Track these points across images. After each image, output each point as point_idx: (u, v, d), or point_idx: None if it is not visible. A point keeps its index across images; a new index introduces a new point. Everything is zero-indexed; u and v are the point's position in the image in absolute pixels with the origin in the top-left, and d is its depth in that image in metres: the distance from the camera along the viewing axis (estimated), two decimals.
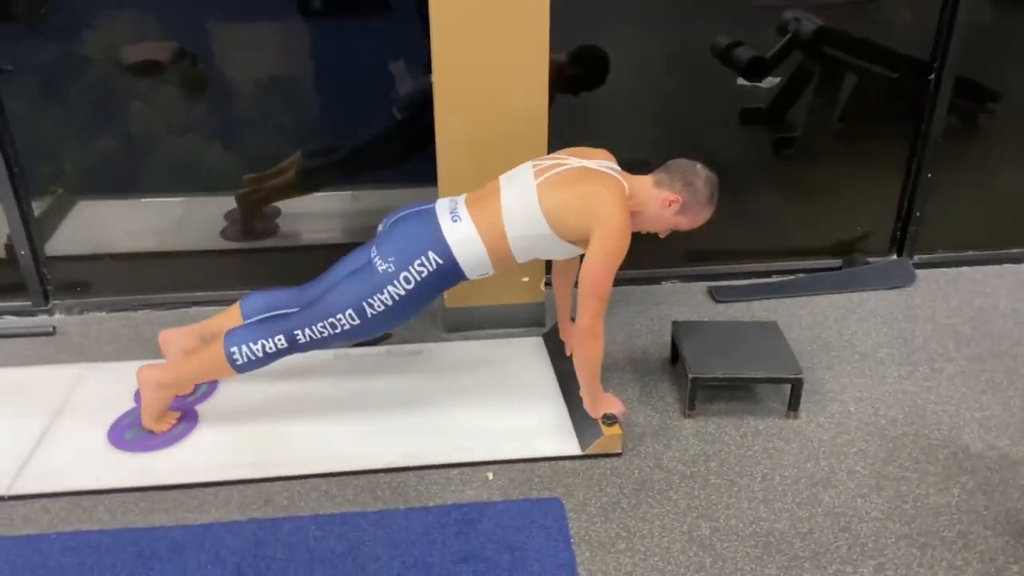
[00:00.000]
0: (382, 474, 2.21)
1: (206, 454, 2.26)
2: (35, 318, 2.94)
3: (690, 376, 2.36)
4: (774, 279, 3.16)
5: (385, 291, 2.13)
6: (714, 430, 2.36)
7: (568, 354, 2.55)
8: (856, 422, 2.39)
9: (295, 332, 2.17)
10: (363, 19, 2.89)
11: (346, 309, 2.14)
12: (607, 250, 2.09)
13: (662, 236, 2.33)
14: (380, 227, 2.27)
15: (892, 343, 2.76)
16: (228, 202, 3.04)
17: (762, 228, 3.29)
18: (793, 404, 2.39)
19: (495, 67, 2.45)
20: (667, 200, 2.21)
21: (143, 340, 2.81)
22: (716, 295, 3.04)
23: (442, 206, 2.20)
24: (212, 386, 2.51)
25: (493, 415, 2.40)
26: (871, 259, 3.20)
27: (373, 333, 2.27)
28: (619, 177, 2.19)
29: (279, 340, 2.18)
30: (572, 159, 2.20)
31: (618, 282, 2.99)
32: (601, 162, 2.23)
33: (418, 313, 2.25)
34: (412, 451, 2.26)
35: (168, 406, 2.34)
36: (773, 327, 2.57)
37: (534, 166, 2.20)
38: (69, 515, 2.09)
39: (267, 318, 2.25)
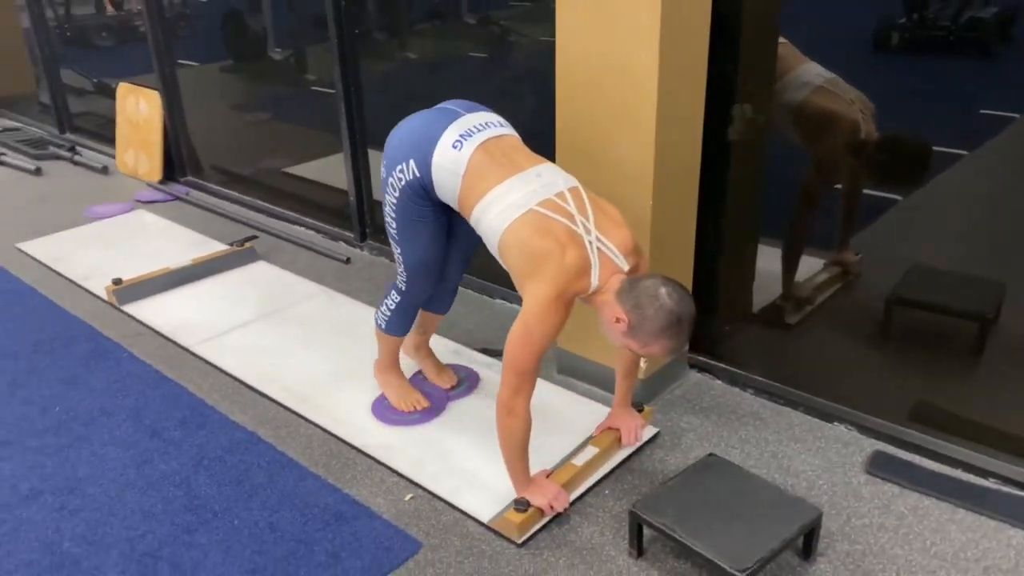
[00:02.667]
0: (355, 451, 2.44)
1: (291, 376, 2.79)
2: (338, 244, 3.84)
3: (631, 508, 1.97)
4: (990, 483, 2.21)
5: (386, 203, 2.14)
6: None
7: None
8: None
9: (396, 280, 2.37)
10: None
11: (390, 236, 2.23)
12: (526, 323, 1.92)
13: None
14: None
15: None
16: None
17: None
18: None
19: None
20: (615, 316, 1.90)
21: (381, 287, 3.44)
22: (872, 464, 2.29)
23: (460, 124, 2.04)
24: (471, 384, 2.69)
25: (478, 453, 2.37)
26: None
27: (420, 261, 2.24)
28: (595, 263, 1.92)
29: (392, 294, 2.40)
30: (580, 221, 1.93)
31: (787, 401, 2.55)
32: (611, 246, 1.95)
33: (435, 246, 2.21)
34: (387, 444, 2.43)
35: (403, 385, 2.59)
36: (806, 513, 1.92)
37: (556, 195, 1.96)
38: (187, 371, 2.85)
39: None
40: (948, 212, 2.71)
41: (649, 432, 2.44)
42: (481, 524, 2.13)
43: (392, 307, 2.42)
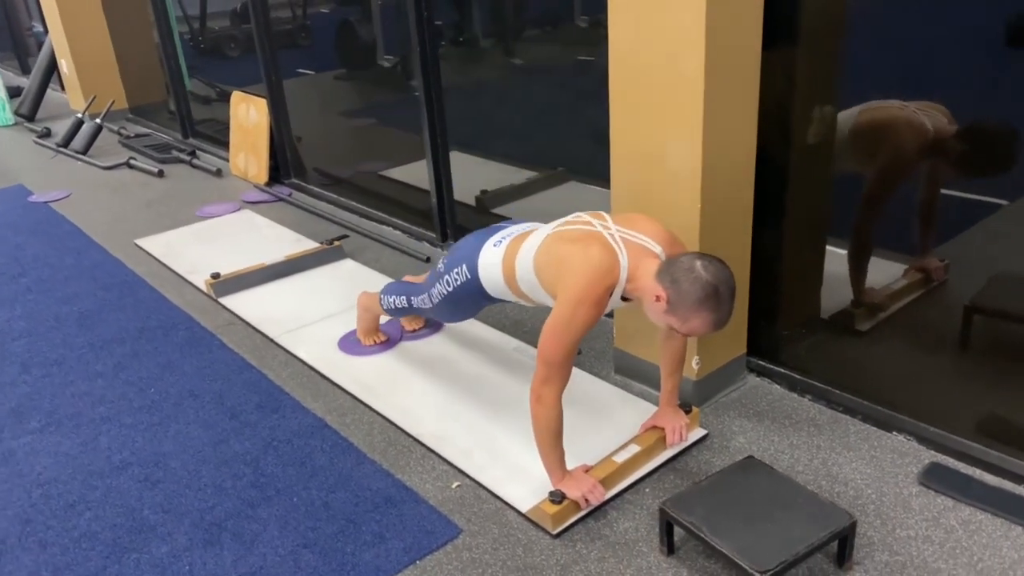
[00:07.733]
0: (411, 440, 2.55)
1: (363, 368, 2.95)
2: (421, 244, 3.99)
3: (660, 505, 2.00)
4: None
5: (436, 287, 2.51)
6: None
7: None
8: None
9: (411, 298, 2.70)
10: None
11: (426, 292, 2.59)
12: (557, 317, 2.00)
13: (678, 334, 2.03)
14: None
15: None
16: None
17: None
18: None
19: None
20: (655, 295, 1.94)
21: None
22: (926, 476, 2.22)
23: (505, 232, 2.38)
24: (433, 330, 3.16)
25: (525, 447, 2.42)
26: None
27: (443, 316, 2.75)
28: (621, 250, 2.02)
29: (402, 300, 2.76)
30: (599, 223, 2.11)
31: (845, 409, 2.50)
32: (638, 235, 2.06)
33: (469, 312, 2.64)
34: (440, 435, 2.53)
35: (372, 326, 3.09)
36: (838, 519, 1.89)
37: (566, 220, 2.21)
38: (269, 360, 3.06)
39: (406, 283, 2.82)
40: None
41: (697, 434, 2.45)
42: (520, 514, 2.20)
43: (397, 305, 2.78)
